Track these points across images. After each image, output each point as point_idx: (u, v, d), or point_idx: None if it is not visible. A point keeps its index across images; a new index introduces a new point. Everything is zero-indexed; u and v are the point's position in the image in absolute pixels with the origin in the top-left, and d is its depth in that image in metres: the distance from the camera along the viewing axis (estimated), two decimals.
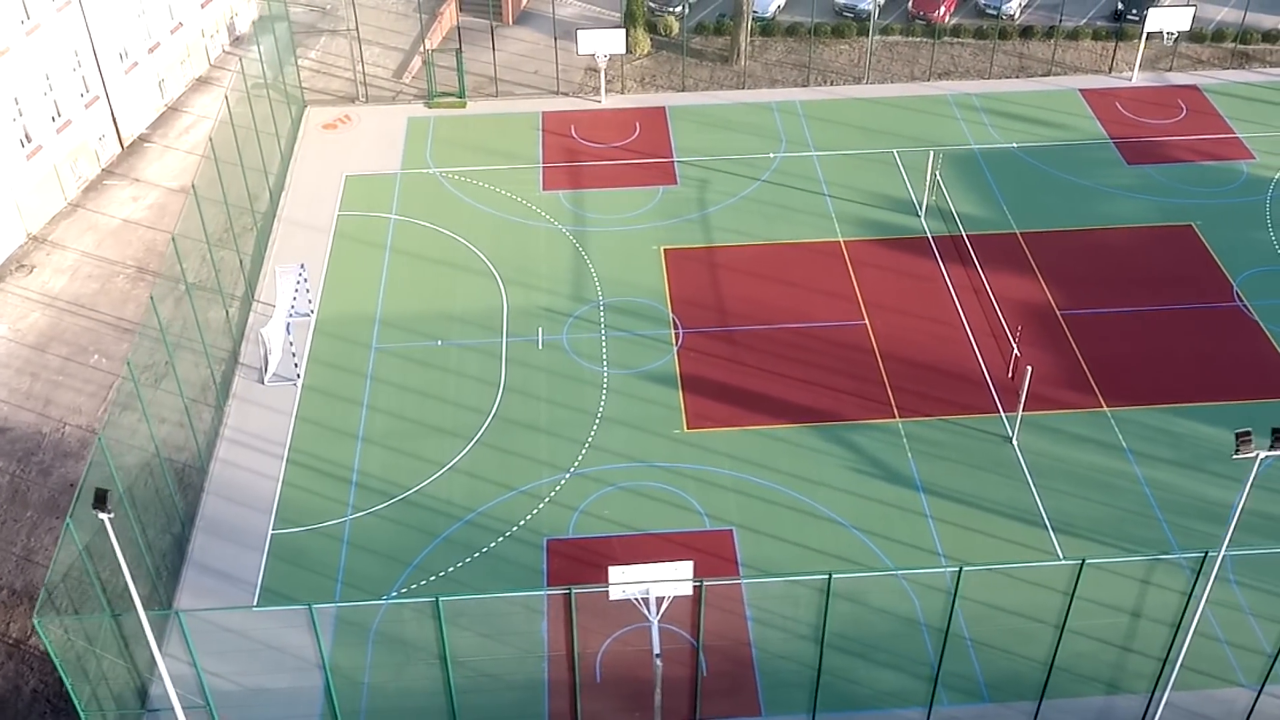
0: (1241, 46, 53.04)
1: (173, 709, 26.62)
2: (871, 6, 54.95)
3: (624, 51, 48.58)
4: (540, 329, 39.55)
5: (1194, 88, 50.99)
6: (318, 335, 39.53)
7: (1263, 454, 23.20)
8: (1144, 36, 50.46)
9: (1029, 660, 29.81)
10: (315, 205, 45.15)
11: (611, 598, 27.28)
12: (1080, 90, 50.91)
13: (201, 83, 52.09)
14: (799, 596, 31.44)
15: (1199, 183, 45.62)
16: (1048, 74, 51.79)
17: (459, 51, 49.99)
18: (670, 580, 27.11)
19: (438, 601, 25.67)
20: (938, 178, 44.78)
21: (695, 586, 28.02)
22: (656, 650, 26.81)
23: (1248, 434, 22.65)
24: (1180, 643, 27.53)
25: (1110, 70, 52.04)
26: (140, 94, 48.45)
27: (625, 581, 27.08)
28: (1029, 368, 35.19)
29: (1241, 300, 40.37)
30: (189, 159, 47.47)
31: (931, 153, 44.22)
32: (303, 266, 39.20)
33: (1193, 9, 49.71)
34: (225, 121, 44.55)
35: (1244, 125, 48.66)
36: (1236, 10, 55.72)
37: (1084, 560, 26.51)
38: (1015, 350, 38.04)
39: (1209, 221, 43.73)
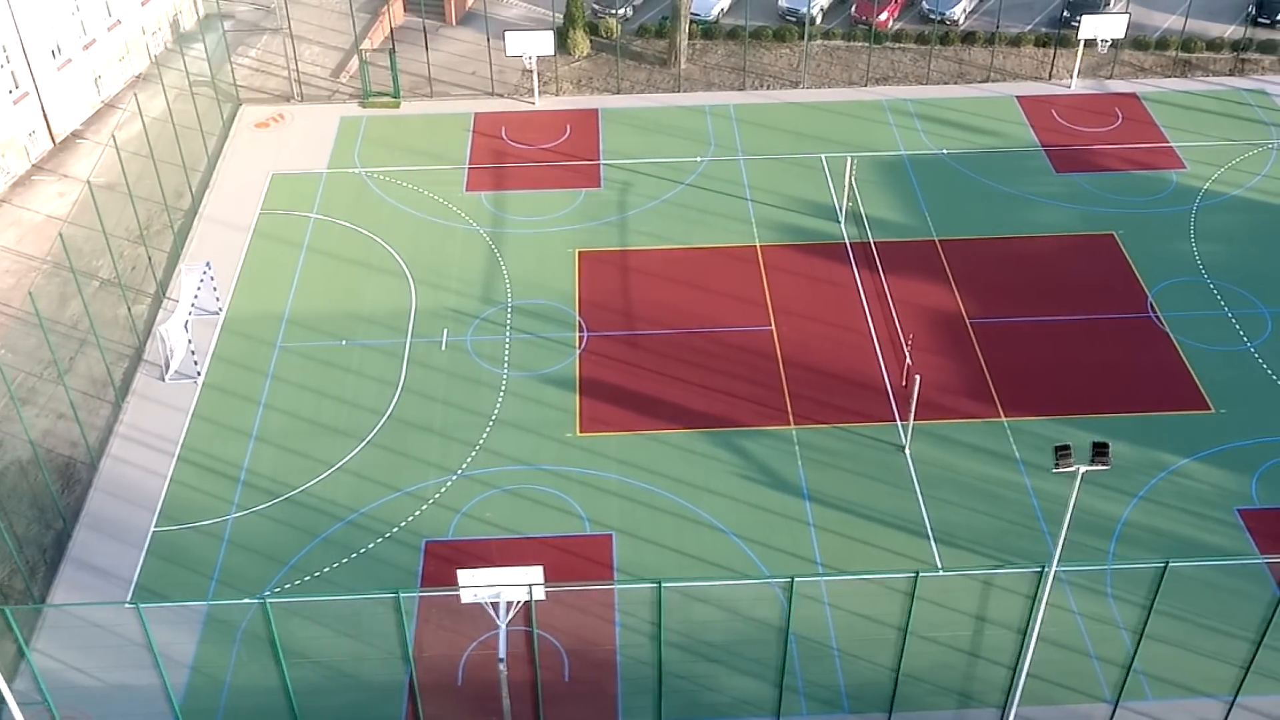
0: (1184, 55, 52.52)
1: (40, 704, 26.79)
2: (814, 10, 54.76)
3: (552, 53, 48.55)
4: (445, 330, 39.54)
5: (1133, 96, 50.51)
6: (225, 333, 39.60)
7: (1083, 468, 22.93)
8: (1081, 43, 50.03)
9: (890, 671, 29.58)
10: (238, 203, 45.25)
11: (463, 600, 27.36)
12: (1017, 97, 50.52)
13: (141, 80, 52.30)
14: (672, 603, 31.31)
15: (1126, 192, 45.20)
16: (986, 80, 51.41)
17: (392, 52, 50.03)
18: (515, 584, 27.12)
19: (266, 604, 25.65)
20: (853, 183, 44.47)
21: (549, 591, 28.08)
22: (501, 654, 26.77)
23: (1067, 448, 22.38)
24: (1024, 655, 27.28)
25: (1050, 77, 51.62)
26: (74, 90, 48.68)
27: (472, 585, 27.13)
28: (918, 376, 34.94)
29: (1155, 312, 39.97)
30: (121, 155, 47.65)
31: (849, 159, 43.93)
32: (208, 265, 39.30)
33: (1127, 16, 49.28)
34: (157, 119, 45.06)
35: (1179, 134, 48.19)
36: (1185, 18, 55.18)
37: (918, 573, 26.35)
38: (908, 359, 37.76)
39: (1131, 231, 43.32)
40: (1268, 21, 53.88)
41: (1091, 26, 48.68)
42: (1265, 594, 31.42)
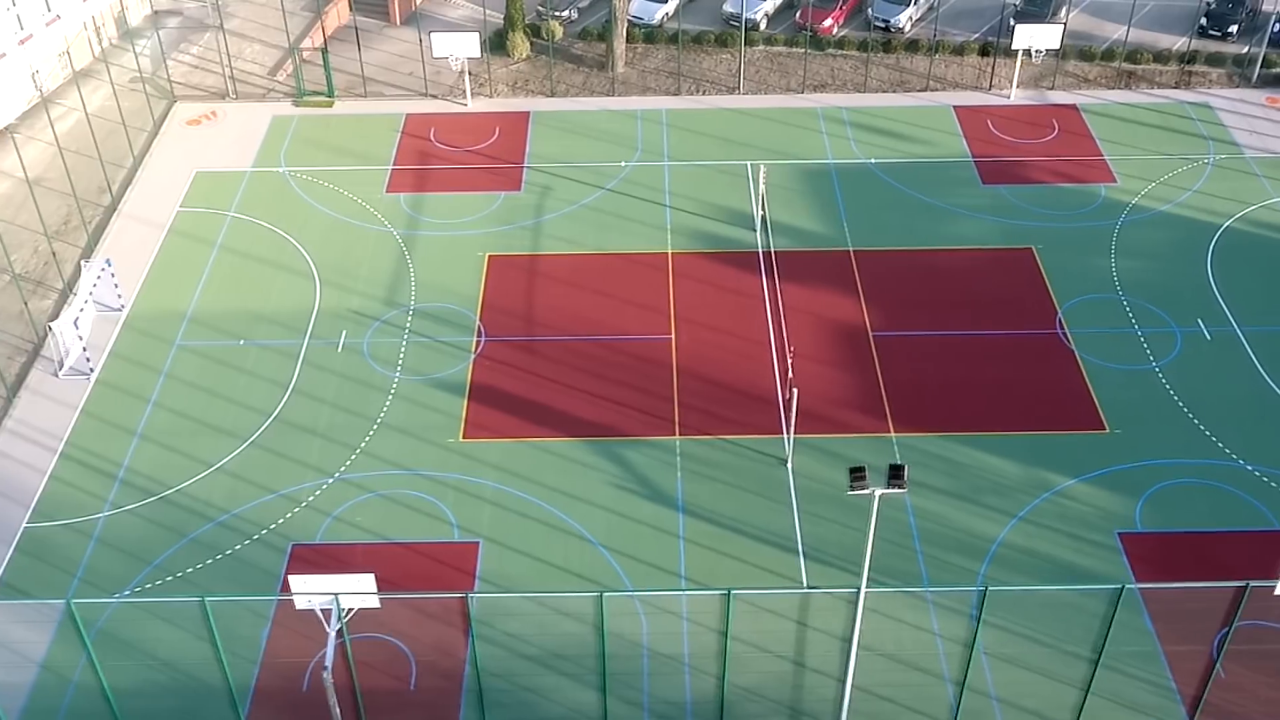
0: (1130, 66, 51.65)
1: None
2: (758, 16, 54.27)
3: (479, 55, 48.36)
4: (344, 332, 39.42)
5: (1073, 107, 49.73)
6: (125, 330, 39.63)
7: (879, 491, 22.45)
8: (1020, 54, 49.29)
9: (737, 688, 29.15)
10: (158, 200, 45.31)
11: (297, 607, 27.21)
12: (955, 107, 49.86)
13: (83, 75, 52.52)
14: (528, 614, 31.02)
15: (1052, 205, 44.48)
16: (925, 89, 50.75)
17: (325, 51, 50.02)
18: (351, 592, 26.97)
19: (70, 604, 25.58)
20: (764, 191, 43.94)
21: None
22: (327, 663, 26.56)
23: (862, 470, 21.92)
24: (848, 676, 26.86)
25: (990, 87, 50.91)
26: (9, 85, 48.94)
27: (304, 591, 26.99)
28: (794, 390, 34.46)
29: (1063, 328, 39.27)
30: (50, 150, 47.86)
31: (760, 166, 43.38)
32: (108, 262, 39.39)
33: (1062, 27, 48.49)
34: (93, 115, 45.34)
35: (1114, 147, 47.38)
36: (1135, 30, 54.12)
37: (730, 590, 26.01)
38: (790, 371, 37.26)
39: (1051, 245, 42.60)
40: (1218, 34, 52.93)
41: (1025, 36, 47.96)
42: (1136, 620, 30.79)
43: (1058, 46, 48.56)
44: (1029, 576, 31.82)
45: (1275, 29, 52.48)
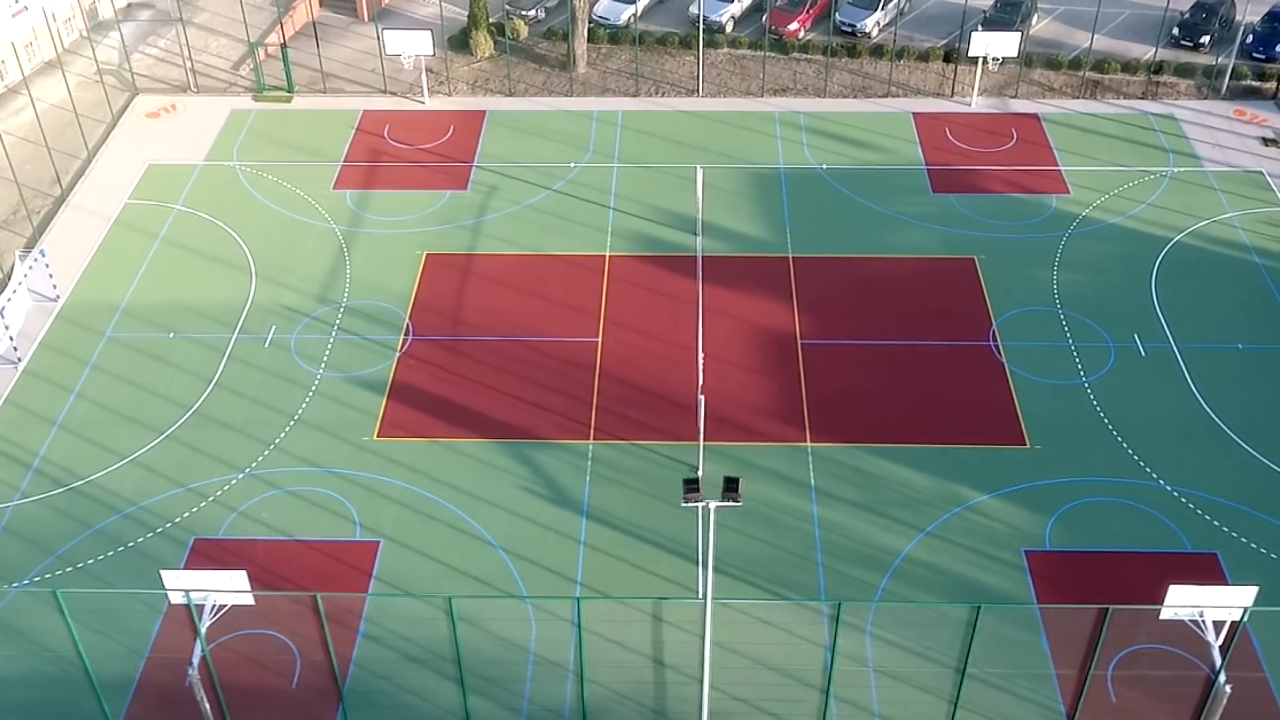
0: (1096, 75, 50.84)
1: None
2: (725, 19, 53.89)
3: (431, 53, 48.29)
4: (273, 327, 39.49)
5: (1034, 116, 48.99)
6: (58, 321, 39.88)
7: (713, 504, 22.13)
8: (981, 62, 48.63)
9: (618, 696, 28.91)
10: (108, 192, 45.59)
11: (172, 602, 27.27)
12: (914, 114, 49.24)
13: (50, 66, 52.99)
14: (419, 616, 30.90)
15: (1000, 215, 43.85)
16: (886, 95, 50.20)
17: (284, 47, 50.15)
18: (224, 590, 26.97)
19: None
20: (700, 195, 43.57)
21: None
22: (193, 660, 26.56)
23: (695, 482, 21.60)
24: (703, 686, 26.52)
25: (952, 94, 50.28)
26: None
27: (177, 587, 27.01)
28: (701, 397, 34.12)
29: (995, 340, 38.70)
30: (10, 141, 48.26)
31: (699, 170, 43.00)
32: (41, 252, 39.68)
33: (1018, 35, 47.77)
34: (55, 106, 45.72)
35: (1071, 158, 46.65)
36: (1107, 39, 53.43)
37: (579, 599, 25.72)
38: (700, 378, 36.88)
39: (994, 256, 41.99)
40: (1190, 44, 51.99)
41: (982, 44, 47.31)
42: (1034, 641, 30.24)
43: (1015, 54, 47.88)
44: (928, 592, 31.34)
45: (1247, 40, 51.57)
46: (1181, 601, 26.51)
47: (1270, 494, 33.71)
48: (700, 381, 36.38)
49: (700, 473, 34.52)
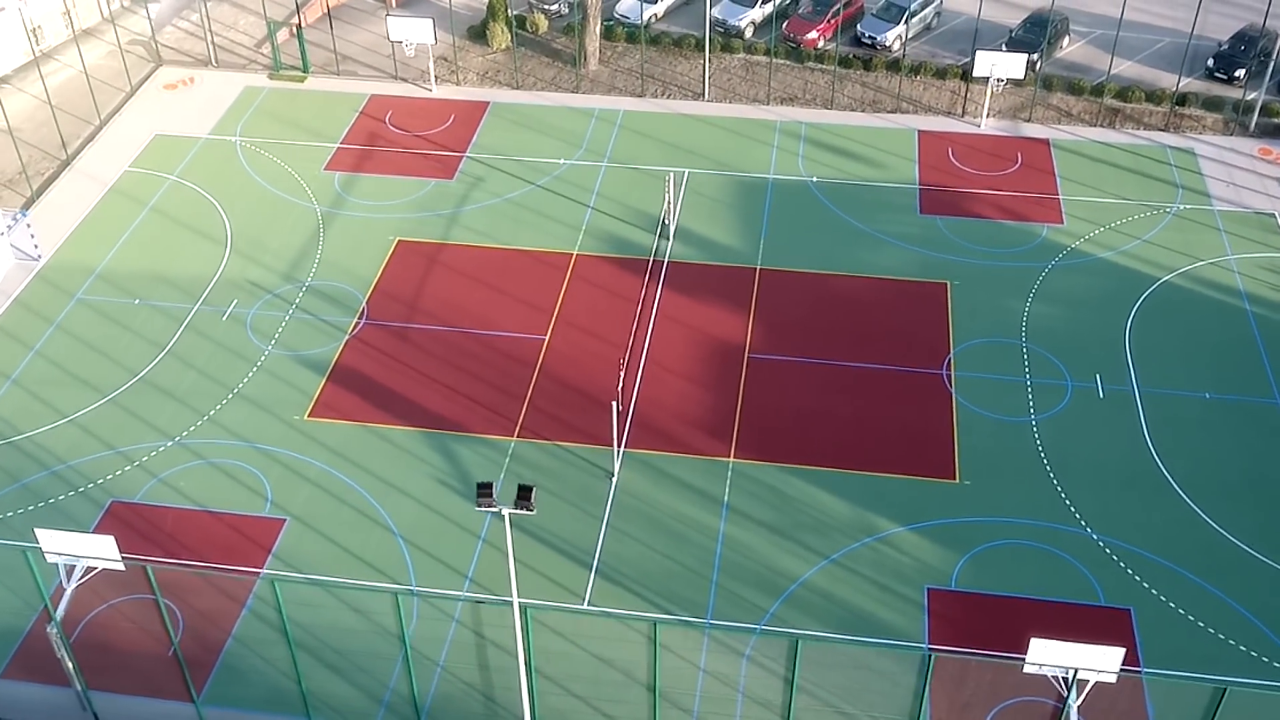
0: (1118, 104, 48.81)
1: None
2: (744, 24, 53.14)
3: (433, 42, 48.58)
4: (234, 301, 40.21)
5: (1044, 142, 47.23)
6: (37, 280, 41.20)
7: (506, 510, 21.75)
8: (991, 82, 47.05)
9: (479, 695, 28.79)
10: (112, 159, 46.92)
11: (47, 561, 27.94)
12: (920, 131, 47.89)
13: (87, 34, 54.78)
14: (306, 598, 31.15)
15: (984, 241, 42.41)
16: (895, 110, 48.92)
17: (299, 28, 51.02)
18: (91, 556, 27.55)
19: None
20: (668, 201, 43.08)
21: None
22: (57, 616, 27.19)
23: (488, 487, 21.26)
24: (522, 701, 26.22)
25: (963, 114, 48.77)
26: (5, 40, 51.27)
27: (55, 548, 27.67)
28: (614, 402, 33.66)
29: (948, 369, 37.45)
30: (32, 104, 50.01)
31: (671, 175, 42.51)
32: (21, 213, 41.06)
33: (1025, 56, 46.04)
34: (84, 73, 47.46)
35: (1075, 187, 44.89)
36: (1139, 66, 51.32)
37: (401, 594, 25.52)
38: (619, 384, 36.42)
39: (969, 283, 40.62)
40: (1224, 77, 49.61)
41: (987, 64, 45.78)
42: (916, 683, 29.20)
43: (1021, 76, 46.22)
44: (817, 621, 30.48)
45: None
46: (1043, 657, 25.38)
47: (1201, 552, 32.04)
48: (619, 387, 36.05)
49: (615, 478, 34.23)
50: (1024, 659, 25.47)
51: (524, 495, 21.34)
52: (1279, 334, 38.42)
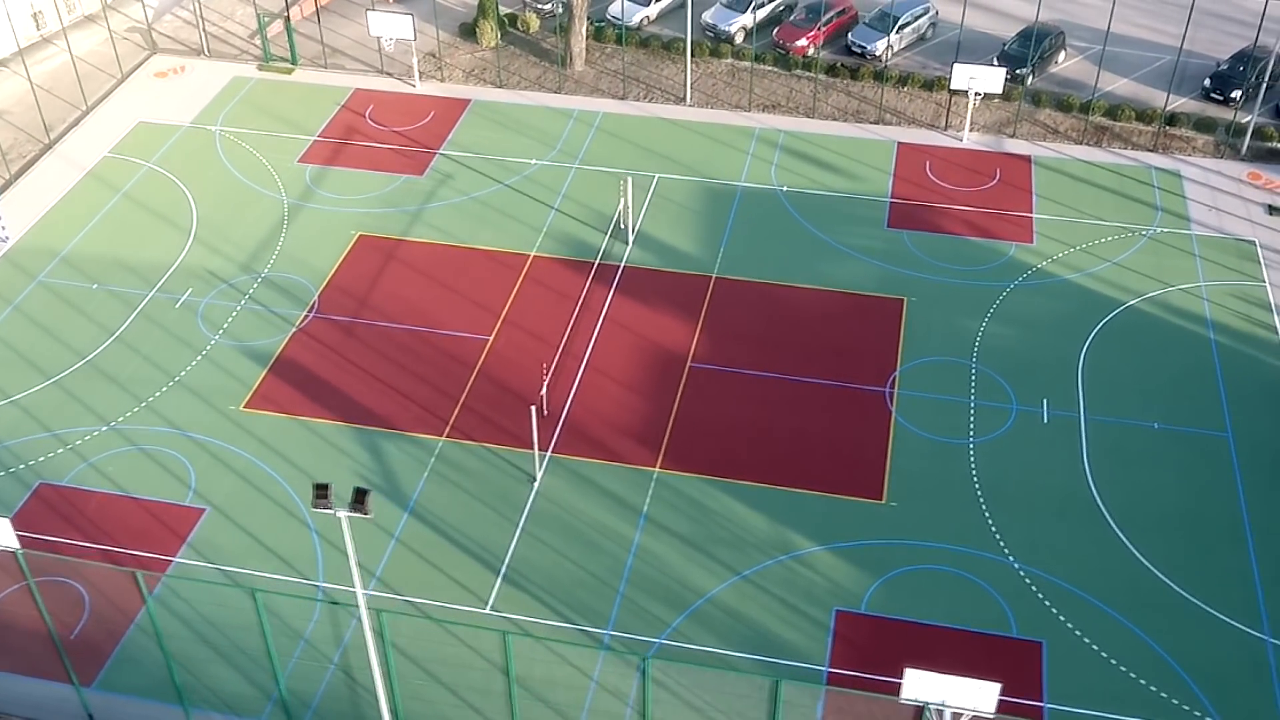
0: (1107, 122, 47.57)
1: None
2: (734, 29, 52.58)
3: (412, 38, 48.61)
4: (189, 290, 40.52)
5: (1026, 159, 46.12)
6: (2, 262, 41.87)
7: (342, 513, 21.52)
8: (971, 95, 46.03)
9: (368, 695, 28.70)
10: (94, 144, 47.53)
11: None
12: (899, 143, 47.03)
13: (89, 20, 55.61)
14: (213, 590, 31.27)
15: (950, 258, 41.51)
16: (877, 121, 48.09)
17: (287, 19, 51.35)
18: None
19: None
20: (621, 203, 42.78)
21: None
22: None
23: (325, 488, 21.05)
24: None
25: (946, 127, 47.82)
26: (3, 24, 52.18)
27: None
28: (532, 408, 33.35)
29: (892, 387, 36.71)
30: (24, 87, 50.78)
31: (629, 179, 42.11)
32: None
33: (1003, 71, 44.97)
34: (80, 58, 48.08)
35: (1051, 206, 43.79)
36: (1135, 84, 50.00)
37: (254, 590, 25.40)
38: (543, 389, 36.11)
39: (926, 299, 39.80)
40: (1220, 98, 48.15)
41: (964, 76, 44.82)
42: (810, 705, 28.61)
43: (1000, 91, 45.21)
44: (717, 638, 29.99)
45: None
46: (917, 688, 24.73)
47: (1126, 587, 31.06)
48: (541, 393, 35.82)
49: (536, 484, 33.99)
50: (885, 697, 24.91)
51: (359, 499, 21.18)
52: (1240, 365, 37.29)
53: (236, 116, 49.17)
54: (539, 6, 55.03)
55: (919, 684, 24.71)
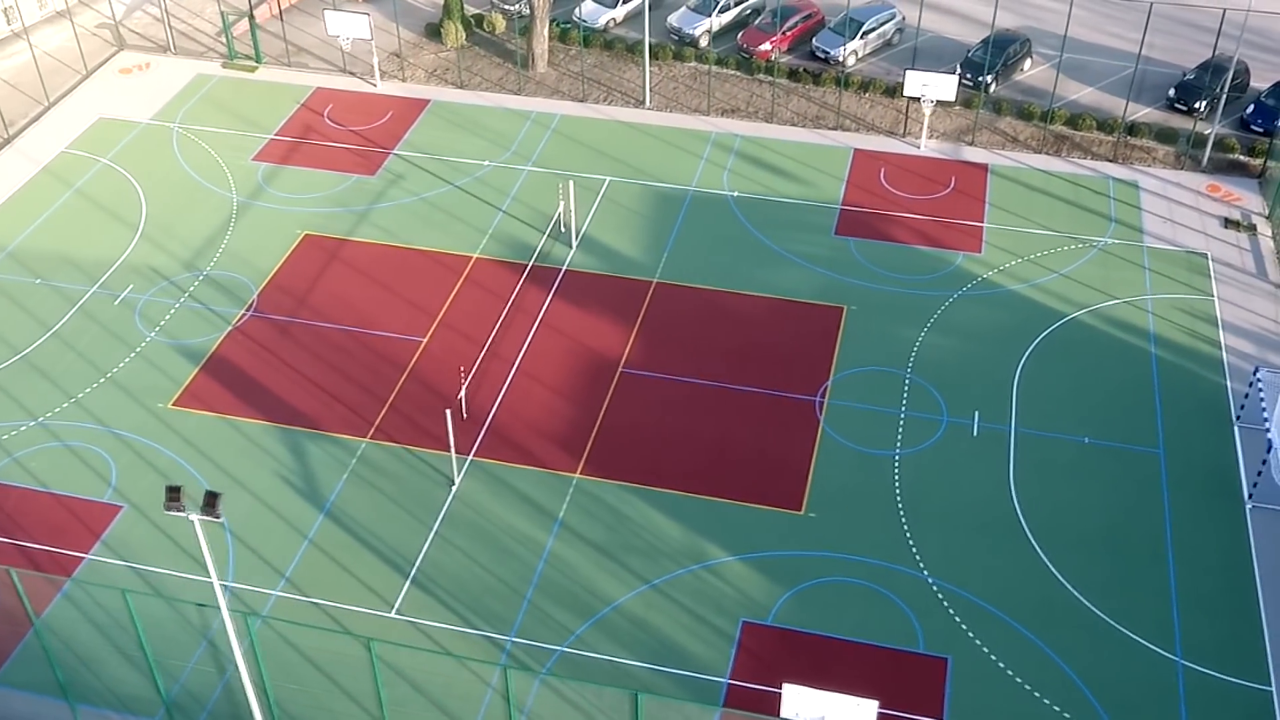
0: (1068, 131, 46.95)
1: None
2: (699, 33, 52.27)
3: (369, 37, 48.57)
4: (130, 286, 40.59)
5: (983, 167, 45.59)
6: None
7: (194, 516, 21.40)
8: (924, 103, 45.48)
9: (266, 699, 28.54)
10: (53, 140, 47.71)
11: None
12: (856, 150, 46.60)
13: (60, 16, 55.88)
14: (125, 586, 31.28)
15: (895, 266, 41.06)
16: (836, 128, 47.68)
17: (251, 18, 51.42)
18: None
19: None
20: (566, 208, 42.63)
21: None
22: None
23: (177, 491, 20.94)
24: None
25: (904, 134, 47.34)
26: None
27: None
28: (448, 411, 33.16)
29: (823, 397, 36.33)
30: None
31: (569, 183, 41.96)
32: None
33: (955, 78, 44.45)
34: (48, 54, 48.37)
35: (1003, 216, 43.25)
36: (1100, 94, 49.32)
37: (126, 590, 25.19)
38: (461, 393, 35.91)
39: (867, 308, 39.38)
40: (1184, 108, 47.44)
41: (917, 83, 44.34)
42: (708, 717, 28.35)
43: (952, 98, 44.70)
44: (621, 646, 29.73)
45: (1247, 110, 46.73)
46: (796, 705, 24.42)
47: (1040, 605, 30.58)
48: (460, 396, 35.69)
49: (455, 487, 33.83)
50: (764, 717, 24.60)
51: (210, 502, 21.09)
52: (1179, 381, 36.70)
53: (196, 114, 49.26)
54: (506, 7, 54.90)
55: (798, 700, 24.43)
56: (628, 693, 24.66)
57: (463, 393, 35.93)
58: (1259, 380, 33.85)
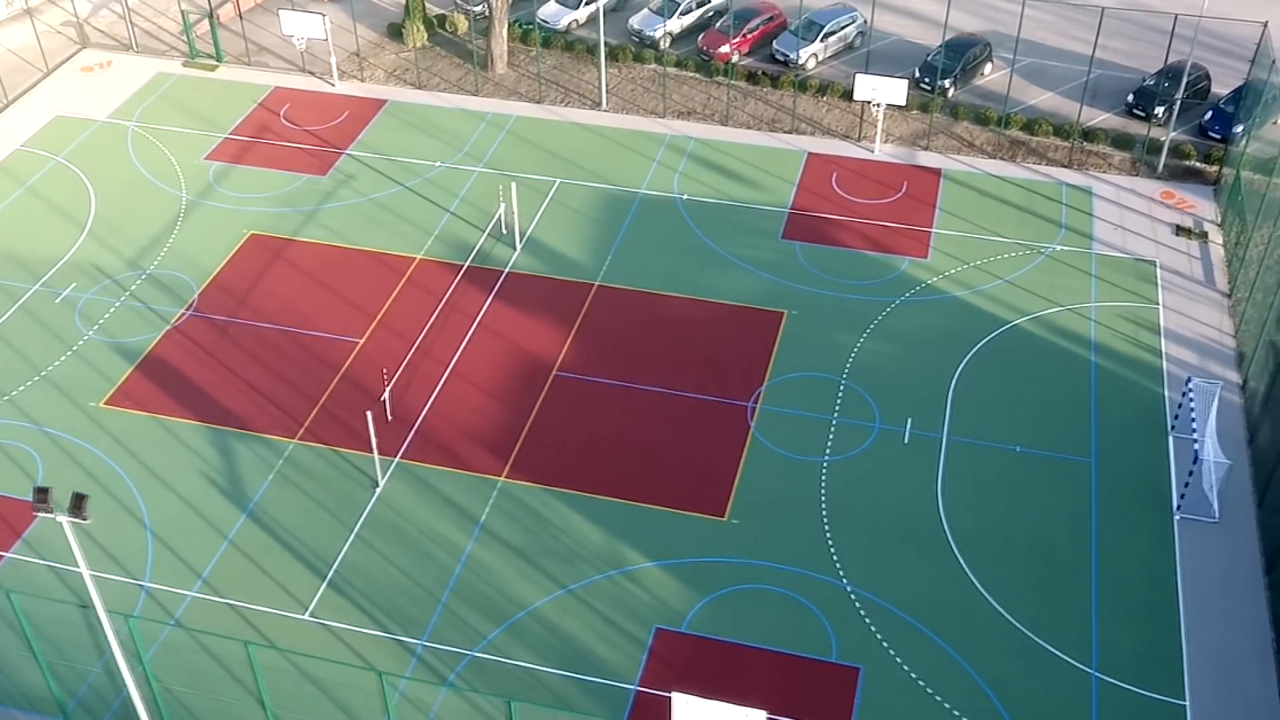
0: (1024, 136, 46.57)
1: None
2: (659, 35, 52.07)
3: (323, 37, 48.48)
4: (73, 284, 40.60)
5: (936, 172, 45.26)
6: None
7: (62, 518, 21.29)
8: (879, 108, 45.18)
9: (171, 700, 28.57)
10: (8, 138, 47.74)
11: None
12: (809, 153, 46.31)
13: (29, 13, 55.97)
14: (40, 585, 31.25)
15: (839, 271, 40.77)
16: (791, 131, 47.41)
17: (211, 16, 51.44)
18: None
19: None
20: (506, 210, 42.50)
21: None
22: None
23: (45, 492, 20.84)
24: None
25: (859, 138, 47.03)
26: None
27: None
28: (368, 413, 33.02)
29: (756, 402, 36.08)
30: None
31: (510, 185, 41.86)
32: None
33: (905, 82, 44.12)
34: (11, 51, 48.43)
35: (952, 221, 42.93)
36: (1060, 99, 48.85)
37: (10, 590, 25.09)
38: (385, 395, 35.76)
39: (808, 313, 39.11)
40: (1142, 114, 47.01)
41: (867, 87, 44.03)
42: None
43: (902, 103, 44.39)
44: (531, 651, 29.55)
45: (1205, 117, 46.29)
46: (687, 713, 24.19)
47: (957, 615, 30.27)
48: (384, 398, 35.57)
49: (378, 490, 33.71)
50: None
51: (77, 505, 20.99)
52: (1117, 390, 36.34)
53: (153, 112, 49.27)
54: (468, 8, 54.79)
55: (687, 709, 24.21)
56: (502, 699, 24.50)
57: (386, 394, 35.82)
58: (1190, 390, 33.48)
